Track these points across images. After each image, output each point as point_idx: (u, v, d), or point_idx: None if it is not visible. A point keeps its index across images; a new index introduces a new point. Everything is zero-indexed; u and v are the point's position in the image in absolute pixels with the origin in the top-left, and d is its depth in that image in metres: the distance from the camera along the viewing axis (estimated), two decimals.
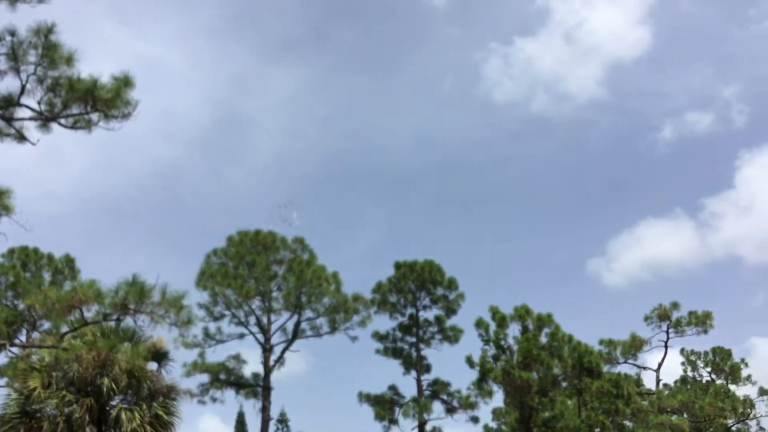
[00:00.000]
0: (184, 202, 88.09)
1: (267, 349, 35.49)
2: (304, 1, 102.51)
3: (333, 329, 36.17)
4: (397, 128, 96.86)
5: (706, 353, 50.83)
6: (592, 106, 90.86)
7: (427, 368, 37.26)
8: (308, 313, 35.95)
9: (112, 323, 18.98)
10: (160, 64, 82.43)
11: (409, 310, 37.79)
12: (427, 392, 36.88)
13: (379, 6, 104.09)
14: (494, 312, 35.43)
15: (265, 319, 35.88)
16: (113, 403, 22.83)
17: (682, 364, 51.51)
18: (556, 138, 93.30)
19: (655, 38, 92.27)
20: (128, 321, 15.14)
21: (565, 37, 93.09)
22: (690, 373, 50.96)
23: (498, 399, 37.63)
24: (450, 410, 36.59)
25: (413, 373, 36.94)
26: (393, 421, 36.41)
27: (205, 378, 35.22)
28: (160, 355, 24.28)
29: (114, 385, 21.93)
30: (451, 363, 51.23)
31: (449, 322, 37.55)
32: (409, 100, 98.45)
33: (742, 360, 50.18)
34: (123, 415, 22.02)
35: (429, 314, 37.73)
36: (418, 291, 37.61)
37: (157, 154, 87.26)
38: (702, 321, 47.79)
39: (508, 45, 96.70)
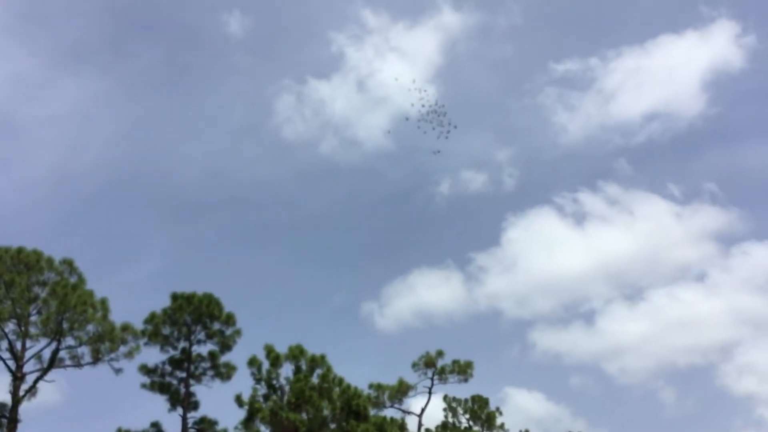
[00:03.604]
0: None
1: (18, 378, 32.37)
2: (101, 11, 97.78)
3: (96, 359, 33.82)
4: (189, 155, 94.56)
5: (466, 400, 53.48)
6: (378, 155, 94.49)
7: (195, 405, 35.94)
8: (69, 341, 33.40)
9: None
10: None
11: (182, 344, 36.42)
12: (192, 430, 35.53)
13: (179, 28, 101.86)
14: (269, 350, 35.04)
15: (19, 345, 32.81)
16: None
17: (444, 410, 53.78)
18: (343, 182, 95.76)
19: (440, 98, 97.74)
20: None
21: (357, 84, 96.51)
22: (451, 419, 53.29)
23: None
24: None
25: (180, 410, 35.46)
26: None
27: None
28: None
29: None
30: (222, 401, 49.76)
31: (223, 359, 36.69)
32: (202, 128, 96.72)
33: (497, 408, 53.30)
34: None
35: (203, 349, 36.67)
36: (193, 324, 36.38)
37: None
38: (464, 370, 50.38)
39: (302, 84, 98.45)
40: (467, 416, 53.50)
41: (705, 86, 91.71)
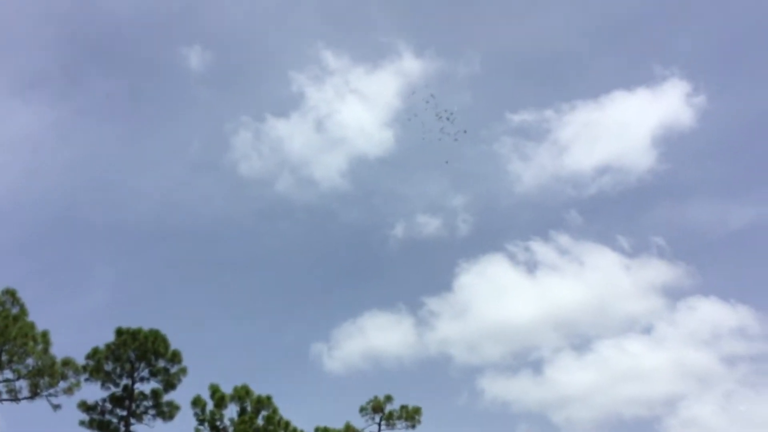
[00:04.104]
0: None
1: None
2: (59, 39, 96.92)
3: (34, 394, 32.71)
4: (143, 187, 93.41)
5: None
6: (334, 195, 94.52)
7: None
8: (7, 374, 32.31)
9: None
10: None
11: (125, 381, 35.55)
12: None
13: (138, 59, 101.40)
14: (214, 390, 34.42)
15: None
16: None
17: None
18: (297, 221, 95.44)
19: (398, 143, 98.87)
20: None
21: (316, 124, 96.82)
22: None
23: None
24: None
25: None
26: None
27: None
28: None
29: None
30: None
31: (166, 398, 35.86)
32: (157, 160, 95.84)
33: None
34: None
35: (146, 387, 35.83)
36: (137, 361, 35.55)
37: None
38: (411, 416, 50.02)
39: (261, 121, 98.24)
40: None
41: (656, 143, 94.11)
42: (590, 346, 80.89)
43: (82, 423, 34.63)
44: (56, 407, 33.06)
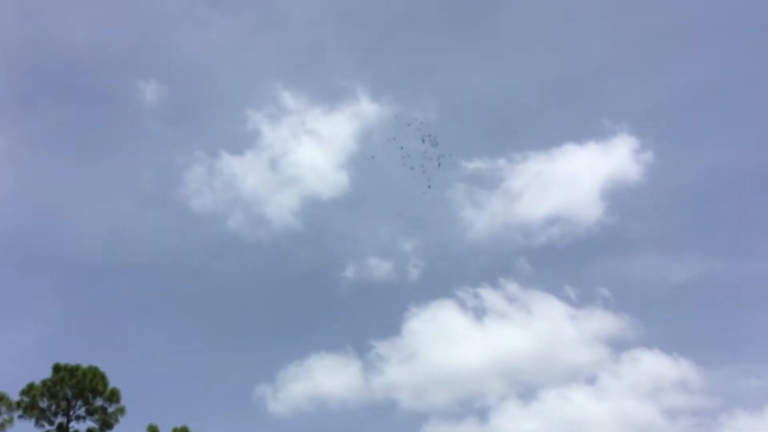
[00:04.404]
0: None
1: None
2: (13, 66, 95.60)
3: None
4: (91, 219, 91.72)
5: None
6: (285, 234, 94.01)
7: None
8: None
9: None
10: None
11: (60, 419, 34.57)
12: None
13: (93, 90, 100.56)
14: (152, 431, 33.65)
15: None
16: None
17: None
18: (247, 259, 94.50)
19: (353, 185, 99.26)
20: None
21: (270, 163, 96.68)
22: None
23: None
24: None
25: None
26: None
27: None
28: None
29: None
30: None
31: None
32: (107, 192, 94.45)
33: None
34: None
35: (82, 426, 34.88)
36: (74, 399, 34.65)
37: None
38: None
39: (215, 157, 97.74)
40: None
41: (604, 196, 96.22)
42: (535, 395, 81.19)
43: None
44: None
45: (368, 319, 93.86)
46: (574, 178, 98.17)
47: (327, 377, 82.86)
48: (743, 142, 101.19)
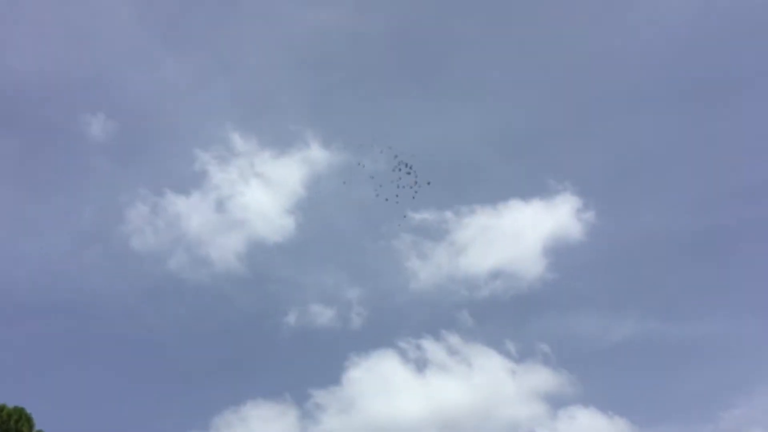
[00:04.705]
0: None
1: None
2: None
3: None
4: (26, 254, 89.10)
5: None
6: (228, 277, 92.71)
7: None
8: None
9: None
10: None
11: None
12: None
13: (38, 122, 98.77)
14: None
15: None
16: None
17: None
18: (187, 301, 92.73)
19: (299, 231, 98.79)
20: None
21: (217, 204, 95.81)
22: None
23: None
24: None
25: None
26: None
27: None
28: None
29: None
30: None
31: None
32: (45, 227, 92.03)
33: None
34: None
35: None
36: None
37: None
38: None
39: (160, 196, 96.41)
40: None
41: (546, 252, 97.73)
42: None
43: None
44: None
45: (308, 366, 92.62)
46: (519, 234, 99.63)
47: (263, 425, 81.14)
48: (680, 208, 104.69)
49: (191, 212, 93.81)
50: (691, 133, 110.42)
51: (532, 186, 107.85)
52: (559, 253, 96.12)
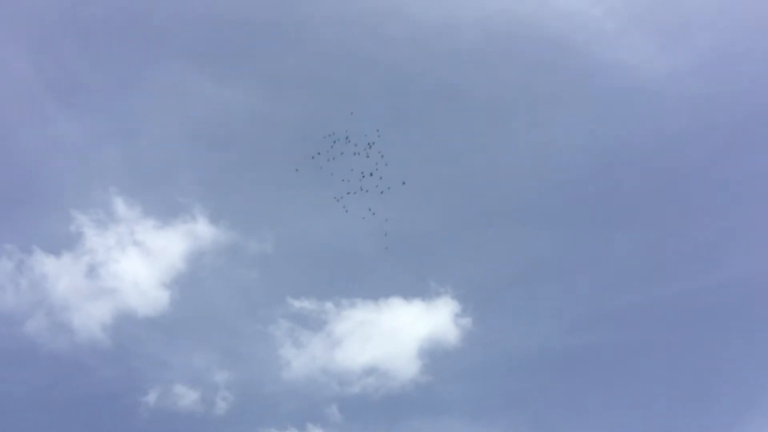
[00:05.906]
0: None
1: None
2: None
3: None
4: None
5: None
6: (90, 348, 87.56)
7: None
8: None
9: None
10: None
11: None
12: None
13: None
14: None
15: None
16: None
17: None
18: (41, 370, 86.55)
19: (173, 306, 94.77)
20: None
21: (88, 269, 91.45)
22: None
23: None
24: None
25: None
26: None
27: None
28: None
29: None
30: None
31: None
32: None
33: None
34: None
35: None
36: None
37: None
38: None
39: (27, 253, 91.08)
40: None
41: (421, 354, 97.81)
42: None
43: None
44: None
45: None
46: (397, 333, 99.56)
47: None
48: (554, 324, 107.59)
49: (59, 274, 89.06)
50: (572, 253, 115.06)
51: (415, 286, 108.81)
52: (434, 356, 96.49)
